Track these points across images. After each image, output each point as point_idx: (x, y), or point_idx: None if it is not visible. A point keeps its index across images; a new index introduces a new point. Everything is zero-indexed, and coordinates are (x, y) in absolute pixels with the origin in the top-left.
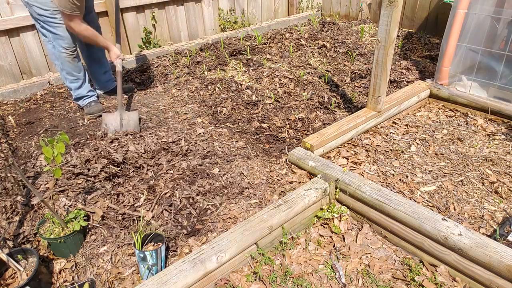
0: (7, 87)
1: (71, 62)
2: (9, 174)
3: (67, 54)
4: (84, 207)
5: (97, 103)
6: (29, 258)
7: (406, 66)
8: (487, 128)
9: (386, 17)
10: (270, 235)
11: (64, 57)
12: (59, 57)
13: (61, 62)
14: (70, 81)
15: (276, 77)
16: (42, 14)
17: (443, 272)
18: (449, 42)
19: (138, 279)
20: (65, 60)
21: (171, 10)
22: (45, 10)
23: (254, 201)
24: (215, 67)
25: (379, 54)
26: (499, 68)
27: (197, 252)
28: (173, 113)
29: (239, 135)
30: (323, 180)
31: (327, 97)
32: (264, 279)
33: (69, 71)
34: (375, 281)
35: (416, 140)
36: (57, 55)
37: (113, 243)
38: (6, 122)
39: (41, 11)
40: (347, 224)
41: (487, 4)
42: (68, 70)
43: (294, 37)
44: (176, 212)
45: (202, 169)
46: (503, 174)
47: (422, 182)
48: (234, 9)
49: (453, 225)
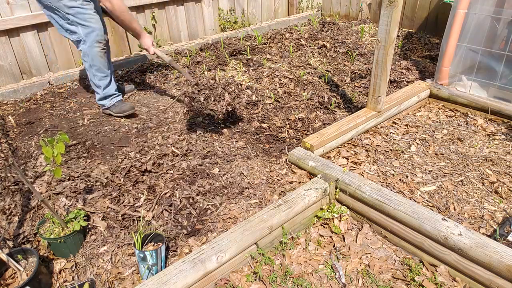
0: (7, 87)
1: (103, 57)
2: (9, 174)
3: (100, 48)
4: (84, 207)
5: (124, 102)
6: (29, 258)
7: (406, 66)
8: (487, 128)
9: (386, 17)
10: (270, 235)
11: (96, 51)
12: (89, 53)
13: (91, 58)
14: (100, 78)
15: (276, 77)
16: (73, 6)
17: (443, 272)
18: (449, 42)
19: (138, 279)
20: (96, 55)
21: (171, 10)
22: (75, 1)
23: (254, 201)
24: (215, 67)
25: (379, 54)
26: (499, 68)
27: (197, 252)
28: (173, 113)
29: (239, 135)
30: (323, 180)
31: (327, 97)
32: (264, 279)
33: (99, 67)
34: (375, 281)
35: (416, 140)
36: (87, 51)
37: (113, 243)
38: (6, 122)
39: (72, 2)
40: (347, 224)
41: (487, 4)
42: (99, 66)
43: (294, 37)
44: (176, 212)
45: (202, 169)
46: (503, 174)
47: (422, 182)
48: (234, 9)
49: (453, 225)
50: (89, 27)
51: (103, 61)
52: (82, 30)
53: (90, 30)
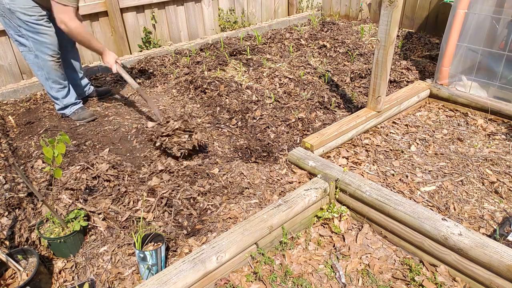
0: (7, 87)
1: (58, 70)
2: (9, 174)
3: (54, 62)
4: (84, 207)
5: (84, 109)
6: (29, 258)
7: (406, 66)
8: (487, 128)
9: (386, 17)
10: (270, 235)
11: (51, 65)
12: (44, 66)
13: (46, 72)
14: (57, 90)
15: (276, 77)
16: (27, 21)
17: (443, 272)
18: (449, 42)
19: (138, 279)
20: (51, 68)
21: (171, 10)
22: (29, 15)
23: (254, 201)
24: (215, 67)
25: (379, 54)
26: (499, 68)
27: (197, 252)
28: (173, 113)
29: (239, 135)
30: (323, 180)
31: (327, 97)
32: (264, 279)
33: (55, 79)
34: (375, 281)
35: (416, 140)
36: (41, 64)
37: (113, 243)
38: (6, 122)
39: (26, 17)
40: (347, 224)
41: (487, 4)
42: (55, 79)
43: (294, 37)
44: (176, 212)
45: (202, 169)
46: (503, 174)
47: (422, 182)
48: (234, 9)
49: (453, 225)
50: (42, 42)
51: (59, 73)
52: (33, 44)
53: (43, 44)
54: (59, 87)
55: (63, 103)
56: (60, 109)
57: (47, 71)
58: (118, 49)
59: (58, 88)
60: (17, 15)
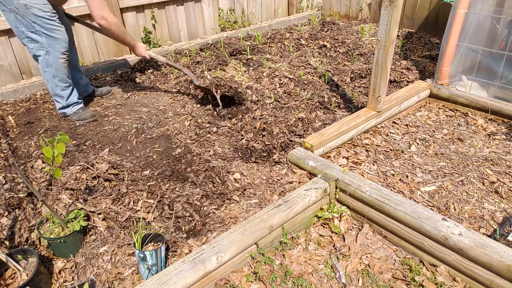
0: (7, 87)
1: (66, 68)
2: (9, 174)
3: (64, 60)
4: (84, 207)
5: (85, 109)
6: (29, 258)
7: (406, 66)
8: (487, 128)
9: (386, 17)
10: (270, 235)
11: (60, 63)
12: (54, 63)
13: (55, 69)
14: (62, 88)
15: (276, 77)
16: (41, 17)
17: (443, 272)
18: (449, 42)
19: (138, 279)
20: (60, 66)
21: (171, 10)
22: (45, 12)
23: (254, 201)
24: (215, 67)
25: (379, 54)
26: (499, 68)
27: (197, 252)
28: (173, 113)
29: (239, 135)
30: (323, 180)
31: (327, 97)
32: (264, 279)
33: (62, 77)
34: (375, 281)
35: (416, 140)
36: (51, 61)
37: (113, 243)
38: (6, 122)
39: (42, 13)
40: (347, 224)
41: (487, 4)
42: (62, 77)
43: (294, 37)
44: (177, 212)
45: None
46: (503, 174)
47: (422, 182)
48: (234, 9)
49: (453, 225)
50: (55, 38)
51: (66, 71)
52: (46, 40)
53: (56, 41)
54: (64, 86)
55: (66, 102)
56: (61, 108)
57: (55, 68)
58: (118, 49)
59: (63, 86)
60: (32, 11)
